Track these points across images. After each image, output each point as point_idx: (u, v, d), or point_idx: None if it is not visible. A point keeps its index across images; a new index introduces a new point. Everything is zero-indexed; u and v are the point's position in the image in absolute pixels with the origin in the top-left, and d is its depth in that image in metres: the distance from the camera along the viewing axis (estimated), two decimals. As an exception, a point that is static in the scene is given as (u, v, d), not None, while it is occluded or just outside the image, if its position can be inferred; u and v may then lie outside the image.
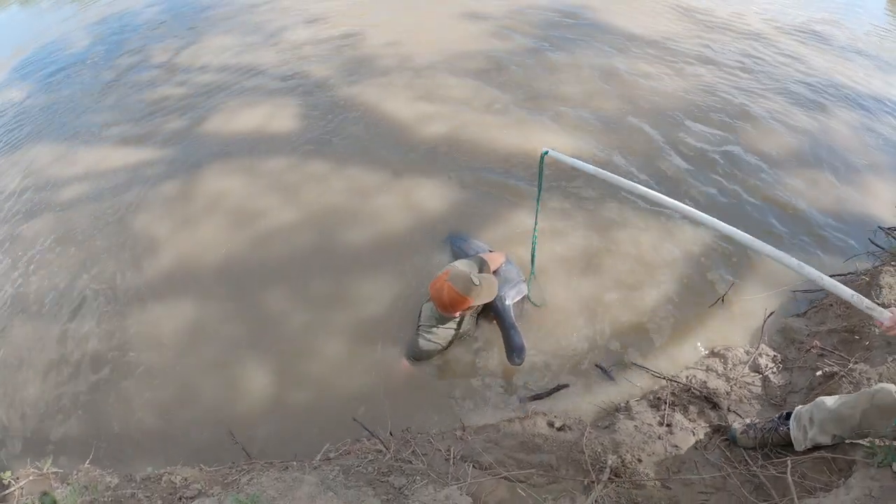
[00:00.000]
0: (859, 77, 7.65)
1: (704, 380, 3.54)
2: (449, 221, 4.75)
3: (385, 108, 6.17)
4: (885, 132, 6.45)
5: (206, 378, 3.92)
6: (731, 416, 3.30)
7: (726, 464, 3.05)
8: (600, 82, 6.56)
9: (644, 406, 3.43)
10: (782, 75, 7.16)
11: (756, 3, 9.80)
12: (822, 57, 8.00)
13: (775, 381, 3.52)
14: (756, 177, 5.28)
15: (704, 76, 6.83)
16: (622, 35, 7.69)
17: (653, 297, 4.12)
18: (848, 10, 10.73)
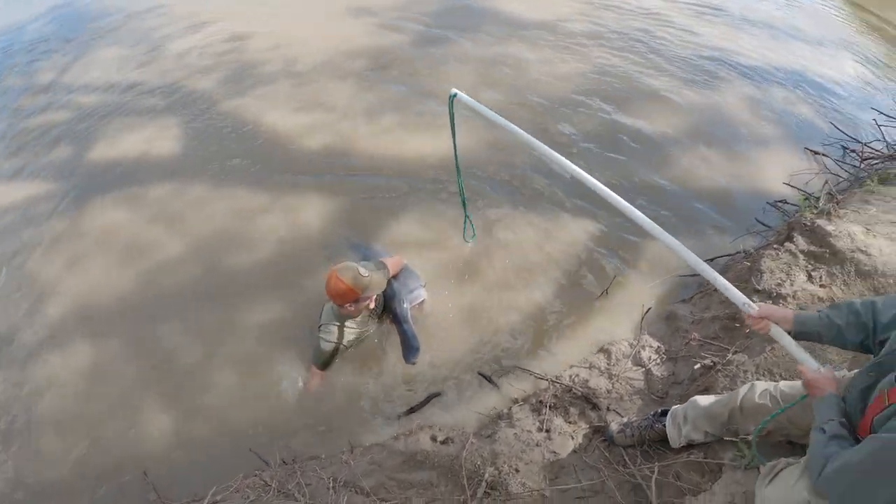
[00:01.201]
0: (752, 48, 7.77)
1: (587, 378, 3.47)
2: (337, 234, 4.64)
3: (267, 122, 5.98)
4: (774, 101, 6.55)
5: (113, 422, 3.76)
6: (610, 415, 3.24)
7: (604, 466, 2.99)
8: (490, 72, 6.48)
9: (526, 411, 3.36)
10: (675, 51, 7.21)
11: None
12: (715, 30, 8.10)
13: (658, 374, 3.47)
14: (646, 157, 5.30)
15: (596, 57, 6.82)
16: (513, 21, 7.61)
17: (537, 297, 4.05)
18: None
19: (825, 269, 3.72)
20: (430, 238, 4.47)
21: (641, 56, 7.04)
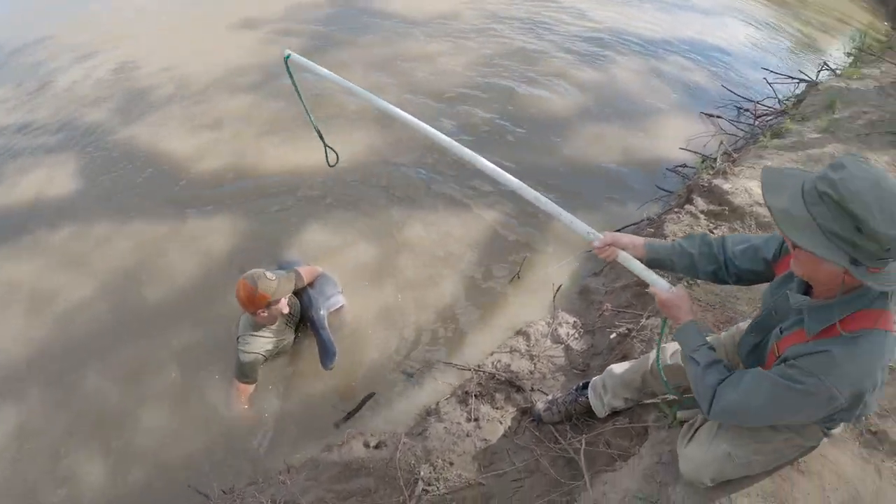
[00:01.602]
0: (642, 23, 8.01)
1: (509, 363, 3.51)
2: (245, 252, 4.56)
3: (163, 148, 5.83)
4: (668, 71, 6.75)
5: (45, 482, 3.58)
6: (535, 395, 3.28)
7: (536, 445, 3.02)
8: (381, 75, 6.46)
9: (453, 404, 3.37)
10: (566, 32, 7.39)
11: None
12: (604, 8, 8.33)
13: (577, 348, 3.53)
14: (548, 137, 5.40)
15: (491, 44, 6.92)
16: (405, 18, 7.62)
17: (451, 290, 4.08)
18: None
19: (727, 225, 3.85)
20: (339, 244, 4.45)
21: (536, 39, 7.18)
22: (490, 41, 7.04)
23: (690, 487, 2.27)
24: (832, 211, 1.47)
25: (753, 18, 10.91)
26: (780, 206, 1.58)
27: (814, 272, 1.68)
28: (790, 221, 1.55)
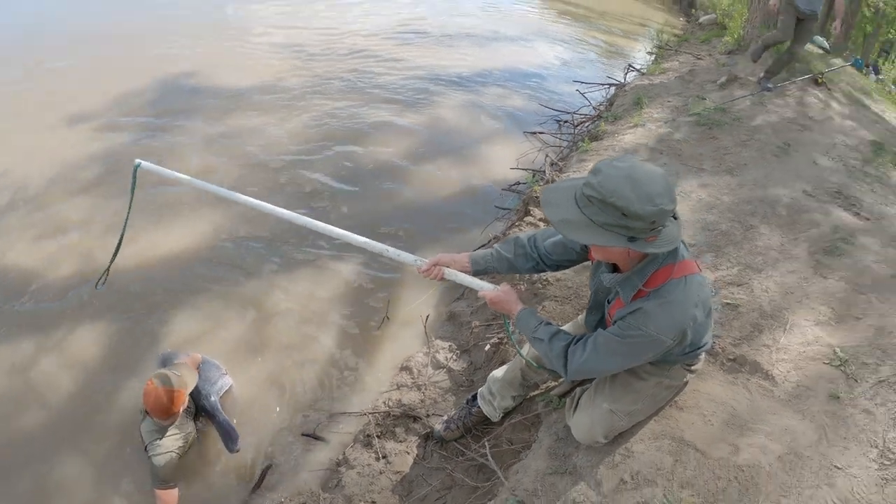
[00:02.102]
0: (459, 59, 8.57)
1: (400, 398, 3.70)
2: (118, 356, 4.44)
3: (7, 262, 5.58)
4: (489, 101, 7.27)
5: None
6: (432, 419, 3.49)
7: (446, 463, 3.23)
8: (215, 153, 6.40)
9: (359, 449, 3.50)
10: (388, 83, 7.75)
11: (350, 22, 10.46)
12: (421, 52, 8.82)
13: (458, 368, 3.79)
14: (383, 189, 5.61)
15: (315, 110, 7.07)
16: (234, 92, 7.60)
17: (327, 344, 4.19)
18: (429, 4, 11.95)
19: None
20: (210, 327, 4.43)
21: (361, 94, 7.47)
22: (317, 103, 7.20)
23: (590, 449, 2.57)
24: (600, 208, 1.81)
25: (559, 38, 11.83)
26: (558, 217, 1.91)
27: (608, 256, 2.05)
28: (570, 226, 1.89)
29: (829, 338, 3.14)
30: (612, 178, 1.77)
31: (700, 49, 10.82)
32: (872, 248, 4.09)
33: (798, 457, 2.42)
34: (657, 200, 1.75)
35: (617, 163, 1.84)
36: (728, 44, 10.31)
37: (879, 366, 2.86)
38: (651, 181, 1.77)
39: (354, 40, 9.34)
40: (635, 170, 1.80)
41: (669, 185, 1.82)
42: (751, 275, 3.76)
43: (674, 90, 7.56)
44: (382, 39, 9.49)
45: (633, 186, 1.75)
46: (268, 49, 8.95)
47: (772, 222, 4.42)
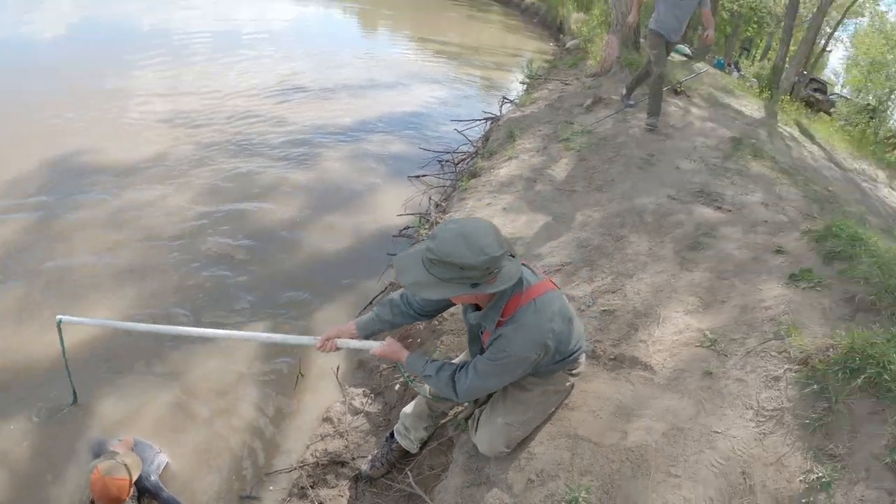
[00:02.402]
0: (339, 111, 8.89)
1: (325, 447, 3.90)
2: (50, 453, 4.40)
3: None
4: (373, 150, 7.62)
5: None
6: (358, 461, 3.73)
7: (379, 498, 3.47)
8: (116, 231, 6.20)
9: (295, 502, 3.71)
10: (275, 143, 7.95)
11: (231, 83, 10.52)
12: (302, 109, 9.05)
13: (374, 410, 4.05)
14: (280, 248, 5.76)
15: (207, 178, 7.08)
16: (122, 169, 7.32)
17: (251, 408, 4.30)
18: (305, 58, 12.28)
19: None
20: (135, 409, 4.39)
21: (250, 156, 7.58)
22: (209, 170, 7.24)
23: (498, 459, 2.90)
24: (441, 267, 2.18)
25: (435, 78, 12.35)
26: (409, 280, 2.27)
27: (464, 300, 2.49)
28: (420, 287, 2.25)
29: (699, 323, 3.55)
30: (447, 240, 2.15)
31: (568, 74, 11.57)
32: (734, 237, 4.56)
33: (680, 430, 2.78)
34: (487, 250, 2.13)
35: (450, 225, 2.24)
36: (592, 67, 11.04)
37: (746, 339, 3.26)
38: (480, 235, 2.16)
39: (237, 102, 9.45)
40: (465, 228, 2.19)
41: (497, 235, 2.22)
42: (623, 281, 4.17)
43: (544, 118, 8.12)
44: (264, 99, 9.64)
45: (466, 243, 2.13)
46: (155, 119, 8.84)
47: (640, 230, 4.86)
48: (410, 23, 21.83)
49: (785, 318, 3.28)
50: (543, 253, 4.75)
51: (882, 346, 2.74)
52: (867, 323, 3.13)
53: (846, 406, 2.62)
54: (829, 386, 2.70)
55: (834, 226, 4.14)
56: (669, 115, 7.90)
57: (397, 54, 14.72)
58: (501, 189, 5.72)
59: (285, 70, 11.51)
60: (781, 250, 4.17)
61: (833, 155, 10.63)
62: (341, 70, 12.07)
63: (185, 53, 12.38)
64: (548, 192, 5.68)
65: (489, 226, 2.24)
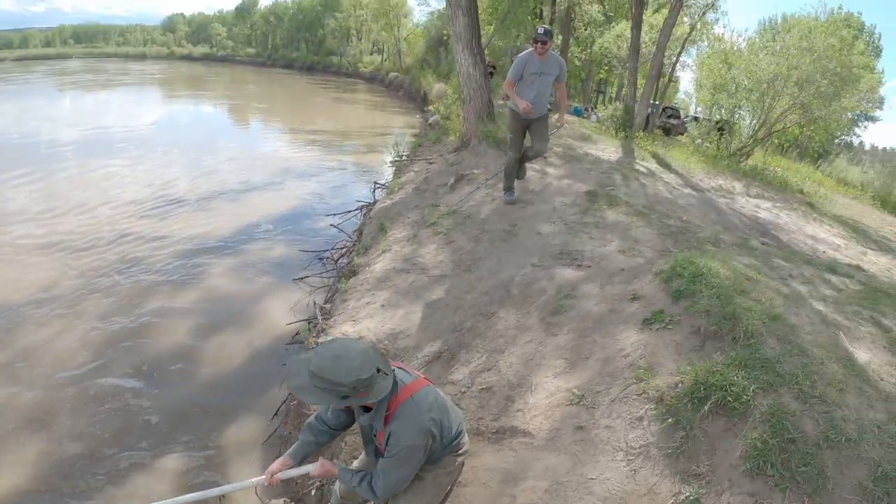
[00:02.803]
0: (220, 223, 9.02)
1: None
2: None
3: None
4: (254, 258, 7.82)
5: None
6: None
7: None
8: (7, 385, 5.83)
9: None
10: (157, 262, 7.96)
11: (107, 202, 10.42)
12: (181, 223, 9.17)
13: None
14: (174, 375, 5.74)
15: (95, 307, 6.96)
16: (4, 313, 6.93)
17: None
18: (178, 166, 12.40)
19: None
20: None
21: (135, 281, 7.53)
22: (94, 304, 7.06)
23: None
24: (318, 379, 2.52)
25: (308, 172, 12.73)
26: (294, 384, 2.59)
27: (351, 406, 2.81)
28: (301, 391, 2.58)
29: (567, 384, 3.88)
30: (324, 359, 2.51)
31: (432, 151, 12.15)
32: (593, 293, 4.91)
33: (560, 484, 3.11)
34: (355, 373, 2.50)
35: (330, 345, 2.61)
36: (453, 143, 11.65)
37: (610, 388, 3.61)
38: (351, 359, 2.53)
39: (116, 220, 9.40)
40: (340, 351, 2.55)
41: (368, 358, 2.58)
42: (497, 357, 4.49)
43: (412, 204, 8.57)
44: (142, 218, 9.61)
45: (338, 365, 2.49)
46: (34, 245, 8.61)
47: (507, 304, 5.19)
48: (281, 114, 22.22)
49: (642, 362, 3.66)
50: (422, 343, 5.02)
51: (722, 372, 3.16)
52: (714, 350, 3.49)
53: (701, 430, 3.01)
54: (683, 416, 3.09)
55: (678, 265, 4.49)
56: (528, 180, 8.28)
57: (270, 150, 15.05)
58: (378, 285, 6.03)
59: (160, 181, 11.61)
60: (637, 296, 4.52)
61: (690, 179, 11.42)
62: (216, 175, 12.26)
63: (56, 169, 12.31)
64: (421, 281, 5.98)
65: (363, 350, 2.60)
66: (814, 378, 3.15)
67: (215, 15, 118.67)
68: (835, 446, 2.74)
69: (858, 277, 5.80)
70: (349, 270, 6.70)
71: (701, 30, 28.88)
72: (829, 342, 3.70)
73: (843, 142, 38.55)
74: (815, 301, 4.54)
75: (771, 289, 4.39)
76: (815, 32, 16.17)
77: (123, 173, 12.11)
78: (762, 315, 3.75)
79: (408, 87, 28.76)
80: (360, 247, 7.44)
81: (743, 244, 6.58)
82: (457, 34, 10.72)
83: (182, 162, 13.38)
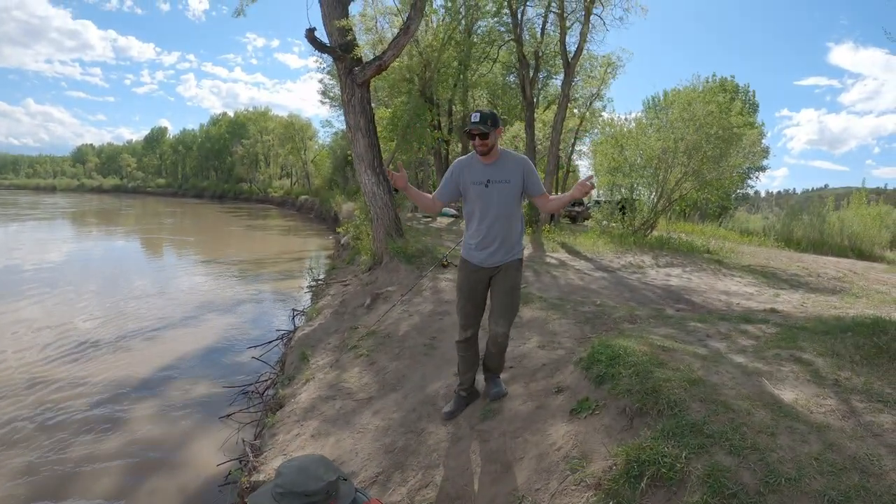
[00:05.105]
0: (136, 363, 8.93)
1: None
2: None
3: None
4: (177, 399, 7.69)
5: None
6: None
7: None
8: None
9: None
10: (77, 412, 7.70)
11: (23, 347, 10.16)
12: (99, 365, 9.05)
13: None
14: None
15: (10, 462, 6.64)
16: None
17: None
18: (97, 303, 12.19)
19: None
20: None
21: (52, 433, 7.24)
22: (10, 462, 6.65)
23: None
24: (290, 498, 2.52)
25: (225, 305, 12.79)
26: None
27: None
28: None
29: (506, 487, 3.86)
30: (290, 475, 2.55)
31: (347, 272, 12.49)
32: (518, 393, 5.02)
33: None
34: (324, 477, 2.58)
35: (290, 462, 2.67)
36: (366, 262, 12.03)
37: (548, 483, 3.60)
38: (315, 467, 2.63)
39: (29, 370, 9.06)
40: (303, 463, 2.64)
41: (328, 463, 2.69)
42: (433, 472, 4.54)
43: (331, 328, 8.77)
44: (59, 362, 9.36)
45: (305, 475, 2.56)
46: None
47: (435, 418, 5.29)
48: (195, 245, 22.24)
49: (575, 452, 3.71)
50: (357, 469, 5.05)
51: (652, 447, 3.27)
52: (642, 426, 3.60)
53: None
54: (623, 498, 3.15)
55: (595, 352, 4.66)
56: (443, 290, 8.70)
57: (186, 285, 14.99)
58: (306, 416, 6.09)
59: (75, 321, 11.41)
60: (560, 388, 4.65)
61: (600, 261, 12.00)
62: (132, 313, 12.09)
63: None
64: (348, 405, 6.07)
65: (321, 458, 2.72)
66: (743, 430, 3.32)
67: (124, 145, 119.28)
68: (776, 489, 2.83)
69: (774, 320, 6.27)
70: (275, 403, 6.77)
71: (590, 118, 31.10)
72: (754, 391, 3.96)
73: (740, 195, 41.22)
74: (734, 355, 4.88)
75: (689, 354, 4.68)
76: (694, 103, 17.68)
77: (35, 315, 11.86)
78: (682, 382, 3.94)
79: (318, 208, 29.21)
80: (284, 378, 7.51)
81: (658, 315, 6.95)
82: (358, 155, 11.33)
83: (97, 300, 13.18)
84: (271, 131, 69.13)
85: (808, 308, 7.85)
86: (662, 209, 19.00)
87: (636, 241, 15.55)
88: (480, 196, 4.33)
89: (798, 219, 25.01)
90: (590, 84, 30.17)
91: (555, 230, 17.32)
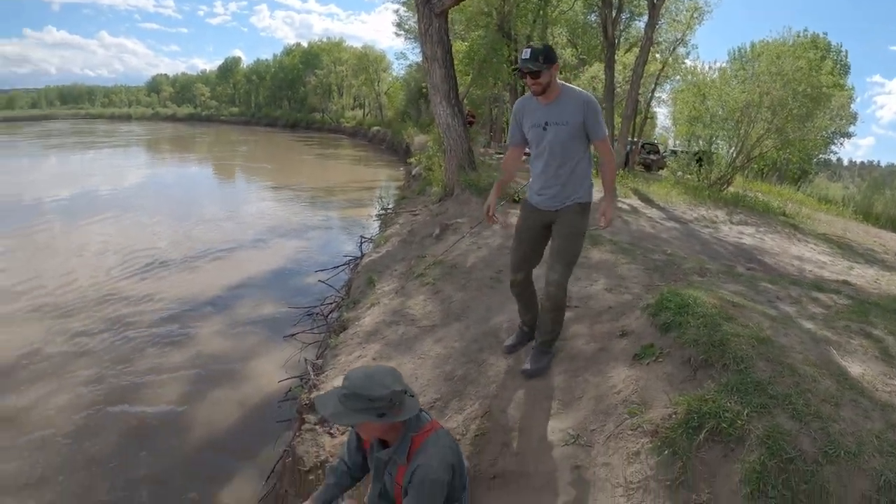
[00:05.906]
0: (205, 282, 9.02)
1: None
2: None
3: None
4: (243, 316, 7.84)
5: None
6: None
7: None
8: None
9: None
10: (146, 324, 7.93)
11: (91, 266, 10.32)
12: (168, 283, 9.20)
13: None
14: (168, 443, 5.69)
15: (83, 371, 6.92)
16: None
17: None
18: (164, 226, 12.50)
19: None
20: None
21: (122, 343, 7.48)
22: (85, 365, 7.08)
23: None
24: (353, 400, 2.61)
25: (294, 229, 12.84)
26: (328, 412, 2.68)
27: (372, 432, 2.83)
28: (337, 416, 2.66)
29: (561, 424, 3.87)
30: (357, 379, 2.63)
31: (417, 202, 12.32)
32: (582, 333, 4.90)
33: None
34: (389, 386, 2.61)
35: (357, 369, 2.74)
36: (436, 193, 11.82)
37: (604, 426, 3.61)
38: (382, 375, 2.66)
39: (102, 286, 9.38)
40: (370, 371, 2.69)
41: (397, 375, 2.71)
42: (490, 402, 4.44)
43: (399, 256, 8.66)
44: (128, 279, 9.65)
45: (371, 381, 2.61)
46: (17, 312, 8.55)
47: (497, 350, 5.14)
48: (266, 172, 22.57)
49: (635, 397, 3.69)
50: (416, 393, 4.98)
51: (714, 400, 3.20)
52: (706, 379, 3.57)
53: (698, 459, 3.02)
54: (679, 447, 3.09)
55: (664, 299, 4.51)
56: (511, 224, 8.39)
57: (256, 209, 15.19)
58: (368, 339, 6.06)
59: (147, 242, 11.71)
60: (625, 332, 4.54)
61: (672, 212, 11.58)
62: (202, 235, 12.36)
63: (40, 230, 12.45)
64: (411, 332, 6.00)
65: (391, 369, 2.75)
66: (807, 396, 3.20)
67: (198, 75, 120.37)
68: (834, 461, 2.76)
69: (846, 292, 5.94)
70: (339, 325, 6.73)
71: (673, 65, 29.56)
72: (821, 359, 3.76)
73: (822, 160, 39.20)
74: (803, 320, 4.63)
75: (758, 313, 4.44)
76: (783, 57, 16.54)
77: (110, 235, 12.21)
78: (750, 339, 3.78)
79: (390, 140, 29.10)
80: (349, 301, 7.48)
81: (728, 271, 6.65)
82: (434, 86, 10.97)
83: (168, 222, 13.50)
84: (345, 62, 68.97)
85: (882, 285, 7.33)
86: (741, 165, 18.06)
87: (711, 195, 14.83)
88: (539, 139, 3.98)
89: (880, 192, 23.23)
90: (674, 28, 28.44)
91: (629, 176, 16.74)
